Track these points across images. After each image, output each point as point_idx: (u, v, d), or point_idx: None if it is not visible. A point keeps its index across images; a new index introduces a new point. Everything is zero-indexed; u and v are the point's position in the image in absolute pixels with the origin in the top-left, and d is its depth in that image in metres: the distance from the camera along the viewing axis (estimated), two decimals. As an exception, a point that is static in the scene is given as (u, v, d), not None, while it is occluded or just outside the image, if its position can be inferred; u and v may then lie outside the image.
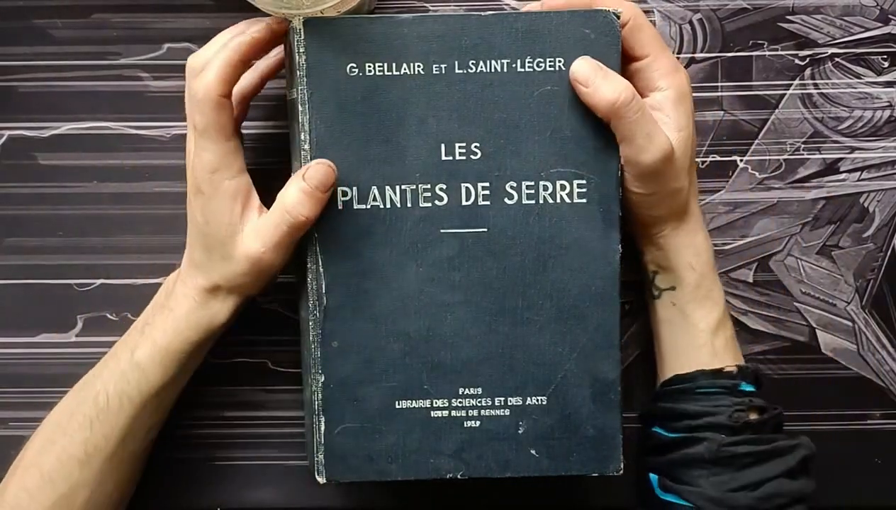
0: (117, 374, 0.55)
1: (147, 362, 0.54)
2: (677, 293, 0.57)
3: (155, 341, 0.54)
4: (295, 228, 0.51)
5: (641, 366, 0.62)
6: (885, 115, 0.62)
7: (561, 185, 0.53)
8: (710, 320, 0.56)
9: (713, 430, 0.54)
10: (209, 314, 0.54)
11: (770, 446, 0.54)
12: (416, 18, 0.52)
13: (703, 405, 0.55)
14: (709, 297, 0.56)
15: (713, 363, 0.56)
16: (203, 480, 0.63)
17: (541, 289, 0.53)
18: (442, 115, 0.52)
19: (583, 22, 0.52)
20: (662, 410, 0.57)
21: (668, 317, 0.58)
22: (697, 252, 0.56)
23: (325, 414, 0.53)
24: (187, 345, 0.54)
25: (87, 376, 0.56)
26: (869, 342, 0.63)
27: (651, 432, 0.58)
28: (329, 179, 0.51)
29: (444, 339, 0.53)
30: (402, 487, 0.62)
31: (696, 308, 0.56)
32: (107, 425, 0.54)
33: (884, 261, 0.63)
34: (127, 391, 0.54)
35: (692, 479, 0.54)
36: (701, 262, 0.56)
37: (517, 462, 0.54)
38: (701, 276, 0.56)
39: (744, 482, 0.53)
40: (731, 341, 0.57)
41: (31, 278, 0.62)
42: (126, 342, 0.56)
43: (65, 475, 0.54)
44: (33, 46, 0.61)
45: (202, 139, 0.52)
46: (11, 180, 0.62)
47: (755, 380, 0.56)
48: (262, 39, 0.52)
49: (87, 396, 0.55)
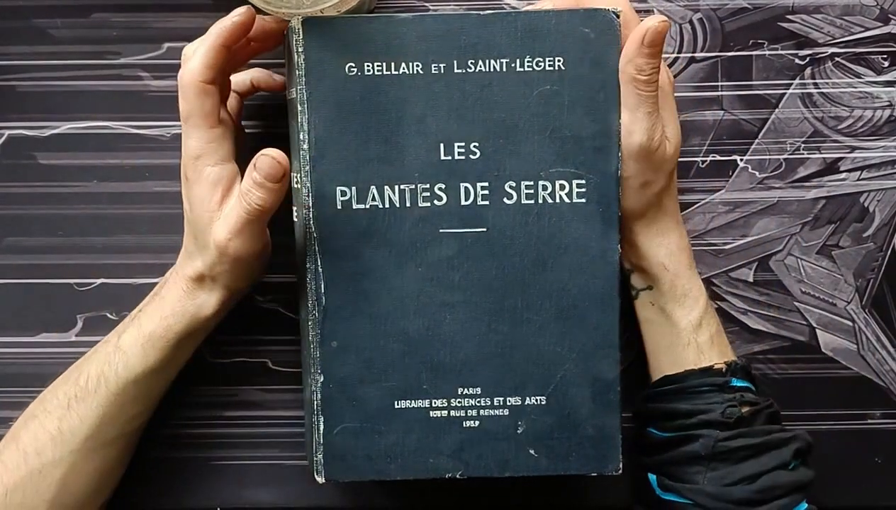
0: (102, 356, 0.55)
1: (129, 346, 0.54)
2: (654, 293, 0.57)
3: (140, 326, 0.55)
4: (253, 215, 0.51)
5: (641, 365, 0.62)
6: (885, 114, 0.62)
7: (560, 185, 0.53)
8: (691, 318, 0.56)
9: (707, 427, 0.54)
10: (195, 304, 0.55)
11: (765, 439, 0.54)
12: (416, 18, 0.52)
13: (695, 404, 0.55)
14: (687, 295, 0.56)
15: (700, 361, 0.56)
16: (203, 480, 0.63)
17: (540, 289, 0.53)
18: (441, 115, 0.52)
19: (582, 21, 0.52)
20: (655, 411, 0.57)
21: (649, 317, 0.58)
22: (670, 251, 0.56)
23: (325, 414, 0.53)
24: (171, 333, 0.54)
25: (81, 358, 0.57)
26: (869, 342, 0.63)
27: (645, 432, 0.58)
28: (276, 171, 0.50)
29: (444, 339, 0.53)
30: (402, 487, 0.62)
31: (675, 307, 0.56)
32: (83, 406, 0.54)
33: (884, 261, 0.63)
34: (106, 373, 0.54)
35: (690, 477, 0.54)
36: (675, 262, 0.56)
37: (516, 462, 0.54)
38: (675, 276, 0.56)
39: (741, 476, 0.53)
40: (716, 336, 0.57)
41: (31, 278, 0.62)
42: (119, 327, 0.57)
43: (37, 450, 0.54)
44: (33, 46, 0.61)
45: (186, 125, 0.52)
46: (11, 180, 0.62)
47: (746, 375, 0.56)
48: (243, 22, 0.52)
49: (71, 376, 0.55)
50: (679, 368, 0.56)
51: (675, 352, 0.57)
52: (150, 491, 0.62)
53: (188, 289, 0.55)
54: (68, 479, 0.55)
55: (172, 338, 0.54)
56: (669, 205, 0.57)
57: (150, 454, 0.62)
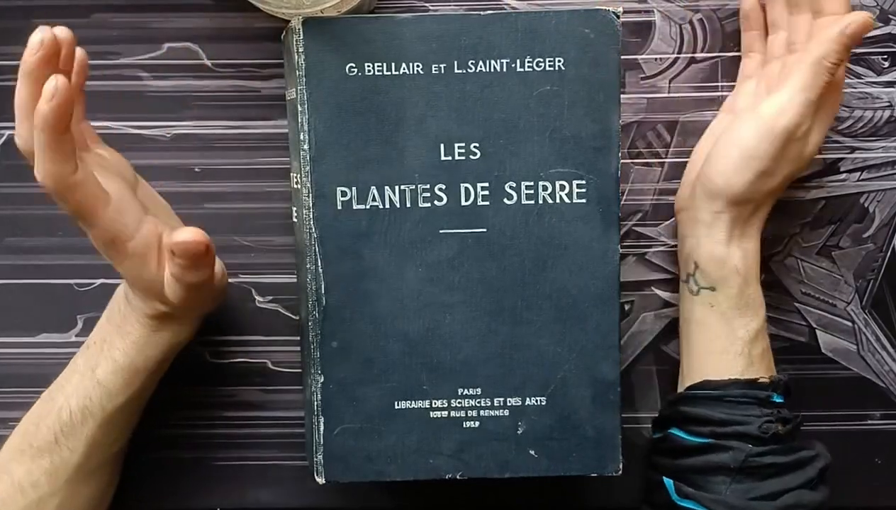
0: (80, 390, 0.54)
1: (109, 380, 0.54)
2: (717, 295, 0.56)
3: (115, 360, 0.54)
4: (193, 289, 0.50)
5: (641, 366, 0.62)
6: (885, 115, 0.62)
7: (560, 185, 0.53)
8: (750, 329, 0.56)
9: (740, 439, 0.53)
10: (168, 335, 0.54)
11: (793, 458, 0.54)
12: (416, 18, 0.52)
13: (732, 413, 0.54)
14: (750, 306, 0.56)
15: (748, 373, 0.55)
16: (203, 480, 0.63)
17: (540, 290, 0.53)
18: (441, 115, 0.52)
19: (582, 21, 0.52)
20: (686, 414, 0.56)
21: (703, 319, 0.57)
22: (747, 257, 0.56)
23: (325, 414, 0.53)
24: (151, 362, 0.54)
25: (53, 386, 0.56)
26: (869, 342, 0.63)
27: (668, 435, 0.57)
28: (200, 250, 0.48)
29: (444, 340, 0.53)
30: (402, 488, 0.62)
31: (736, 314, 0.56)
32: (72, 439, 0.54)
33: (884, 262, 0.63)
34: (90, 407, 0.54)
35: (712, 486, 0.54)
36: (748, 269, 0.56)
37: (516, 462, 0.54)
38: (745, 283, 0.55)
39: (764, 492, 0.53)
40: (767, 352, 0.57)
41: (31, 278, 0.62)
42: (86, 357, 0.55)
43: (33, 483, 0.54)
44: (33, 46, 0.61)
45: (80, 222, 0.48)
46: (11, 180, 0.62)
47: (786, 392, 0.56)
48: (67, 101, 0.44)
49: (51, 409, 0.55)
50: (725, 376, 0.55)
51: (725, 359, 0.56)
52: (150, 491, 0.62)
53: (155, 326, 0.54)
54: (66, 504, 0.55)
55: (152, 366, 0.55)
56: (765, 211, 0.57)
57: (150, 455, 0.62)
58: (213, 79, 0.61)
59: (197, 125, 0.61)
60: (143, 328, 0.54)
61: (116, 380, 0.54)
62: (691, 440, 0.55)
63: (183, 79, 0.61)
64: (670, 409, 0.57)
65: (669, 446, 0.57)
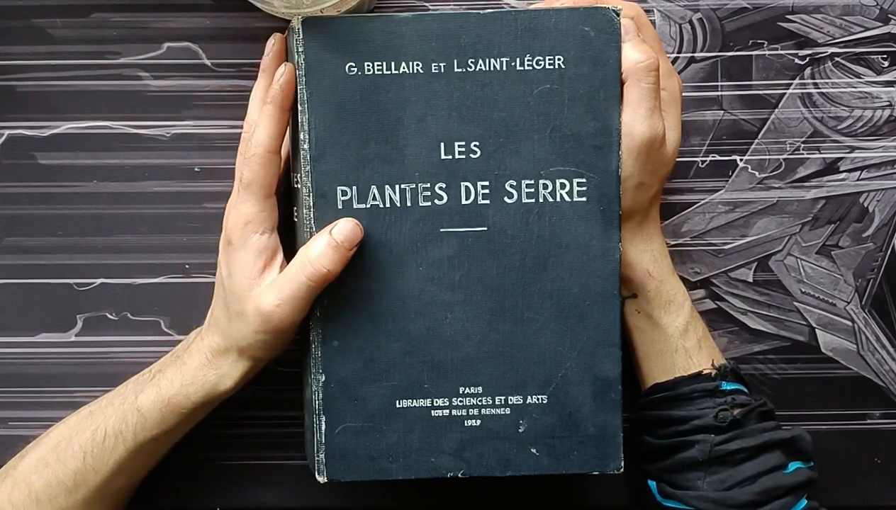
0: (119, 414, 0.55)
1: (148, 408, 0.54)
2: (640, 300, 0.57)
3: (160, 389, 0.54)
4: (314, 281, 0.50)
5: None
6: (885, 114, 0.62)
7: (561, 184, 0.53)
8: (677, 324, 0.56)
9: (701, 433, 0.54)
10: (217, 375, 0.54)
11: (762, 440, 0.54)
12: (415, 17, 0.52)
13: (688, 410, 0.55)
14: (672, 301, 0.56)
15: (690, 366, 0.56)
16: (203, 480, 0.63)
17: (541, 288, 0.53)
18: (441, 114, 0.52)
19: (583, 20, 0.52)
20: (649, 418, 0.57)
21: (637, 325, 0.58)
22: (655, 257, 0.56)
23: (326, 413, 0.53)
24: (188, 401, 0.54)
25: (94, 405, 0.57)
26: (869, 342, 0.63)
27: (641, 439, 0.58)
28: (356, 237, 0.51)
29: (445, 338, 0.53)
30: (403, 487, 0.62)
31: (662, 313, 0.56)
32: (99, 460, 0.55)
33: (884, 261, 0.63)
34: (124, 432, 0.54)
35: (690, 483, 0.54)
36: (659, 268, 0.56)
37: (518, 461, 0.53)
38: (660, 282, 0.56)
39: (741, 478, 0.53)
40: (703, 340, 0.57)
41: (31, 278, 0.62)
42: (136, 383, 0.56)
43: (51, 497, 0.55)
44: (33, 46, 0.61)
45: (245, 191, 0.52)
46: (11, 180, 0.62)
47: (736, 377, 0.56)
48: (289, 81, 0.52)
49: (86, 427, 0.55)
50: (669, 375, 0.56)
51: (664, 358, 0.57)
52: (150, 491, 0.62)
53: (211, 358, 0.54)
54: None
55: (190, 406, 0.55)
56: (655, 211, 0.57)
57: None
58: (213, 79, 0.61)
59: (197, 125, 0.61)
60: (199, 358, 0.54)
61: (153, 410, 0.54)
62: (659, 442, 0.56)
63: (183, 79, 0.61)
64: (637, 415, 0.58)
65: (644, 450, 0.58)
